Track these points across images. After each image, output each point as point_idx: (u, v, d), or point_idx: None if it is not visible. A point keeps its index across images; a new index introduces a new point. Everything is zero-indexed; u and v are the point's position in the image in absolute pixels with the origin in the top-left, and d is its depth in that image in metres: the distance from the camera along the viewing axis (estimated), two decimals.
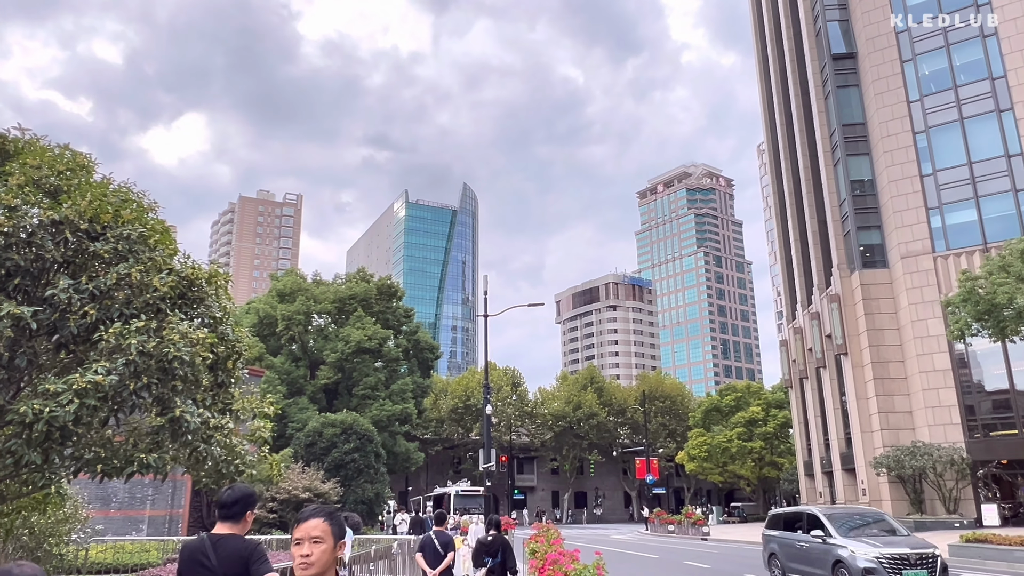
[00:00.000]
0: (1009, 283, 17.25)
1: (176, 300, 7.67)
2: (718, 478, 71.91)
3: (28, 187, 7.39)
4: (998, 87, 40.25)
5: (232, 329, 8.43)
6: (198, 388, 7.75)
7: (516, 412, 79.44)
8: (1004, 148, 39.64)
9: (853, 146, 45.67)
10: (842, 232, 45.95)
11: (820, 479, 50.65)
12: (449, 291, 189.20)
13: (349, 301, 56.41)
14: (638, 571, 22.28)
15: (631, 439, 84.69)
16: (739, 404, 72.48)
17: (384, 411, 51.47)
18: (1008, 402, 38.02)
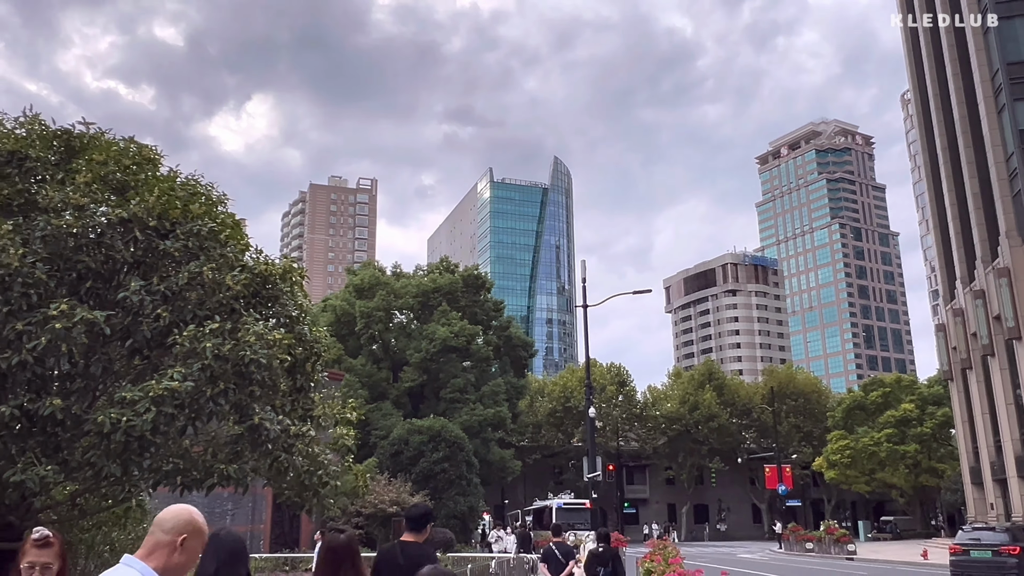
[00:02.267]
0: None
1: (250, 299, 7.97)
2: (864, 488, 69.40)
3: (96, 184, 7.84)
4: None
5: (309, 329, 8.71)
6: (276, 393, 8.05)
7: (623, 414, 79.01)
8: None
9: (1021, 89, 43.09)
10: (1010, 193, 43.44)
11: (991, 488, 48.20)
12: (542, 280, 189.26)
13: (433, 295, 57.14)
14: None
15: (758, 444, 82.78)
16: (888, 401, 69.80)
17: (475, 416, 52.10)
18: None
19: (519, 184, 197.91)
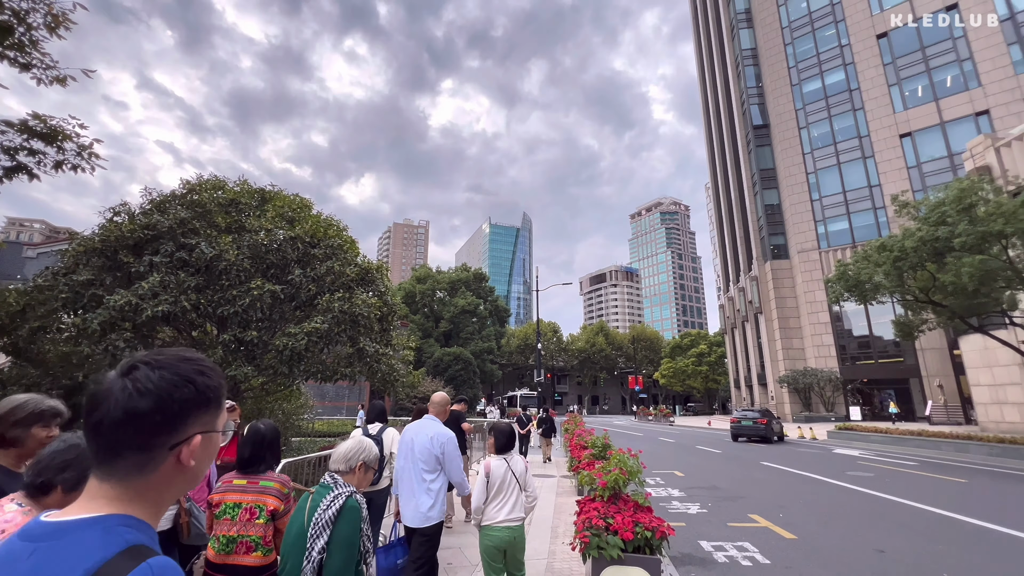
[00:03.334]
0: (868, 267, 16.22)
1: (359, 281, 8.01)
2: (679, 388, 70.24)
3: (276, 218, 7.83)
4: (864, 143, 37.49)
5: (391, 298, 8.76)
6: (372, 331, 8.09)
7: (556, 348, 79.18)
8: (867, 181, 36.98)
9: (766, 183, 43.39)
10: (759, 237, 43.90)
11: (744, 390, 48.93)
12: (515, 276, 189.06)
13: (457, 282, 56.99)
14: (631, 443, 22.08)
15: (626, 364, 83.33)
16: (693, 344, 70.47)
17: (478, 347, 52.05)
18: (868, 342, 35.82)
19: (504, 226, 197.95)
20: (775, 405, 39.99)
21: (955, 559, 5.54)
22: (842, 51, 39.45)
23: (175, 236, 6.64)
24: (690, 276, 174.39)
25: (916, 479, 11.15)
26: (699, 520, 7.44)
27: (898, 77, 36.14)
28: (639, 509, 3.79)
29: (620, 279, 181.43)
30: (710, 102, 59.01)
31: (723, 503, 8.68)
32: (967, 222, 13.66)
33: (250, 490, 2.35)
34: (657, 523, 3.52)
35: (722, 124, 53.81)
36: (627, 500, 3.94)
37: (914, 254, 14.64)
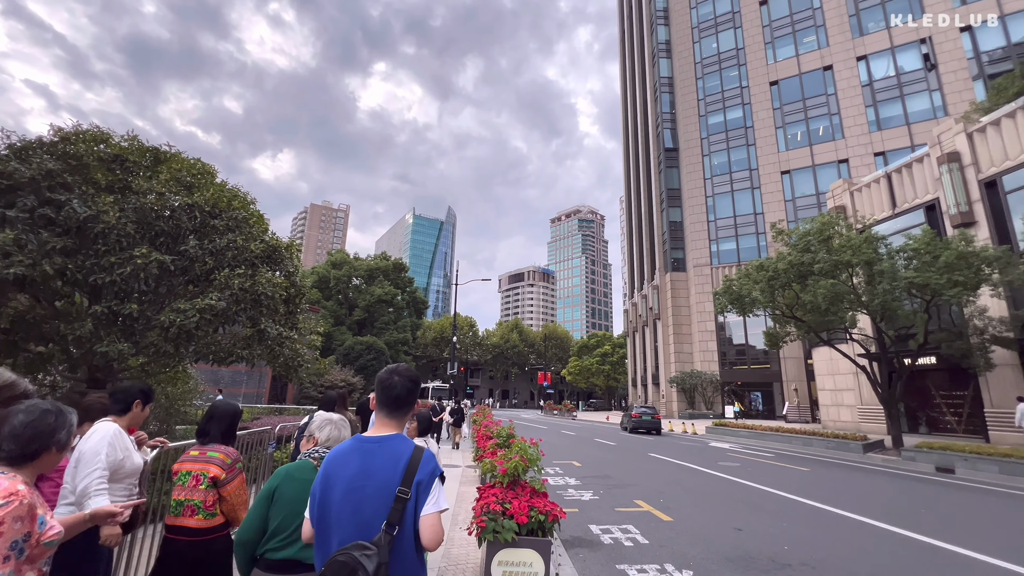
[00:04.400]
0: (748, 284, 18.08)
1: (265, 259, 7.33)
2: (583, 385, 73.63)
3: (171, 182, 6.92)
4: (753, 175, 41.89)
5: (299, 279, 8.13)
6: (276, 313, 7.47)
7: (471, 342, 79.33)
8: (753, 209, 41.38)
9: (672, 202, 46.88)
10: (662, 250, 47.33)
11: (640, 388, 52.48)
12: (436, 269, 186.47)
13: (375, 271, 54.73)
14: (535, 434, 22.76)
15: (537, 361, 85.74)
16: (599, 344, 74.17)
17: (392, 337, 50.51)
18: (744, 350, 40.14)
19: (428, 218, 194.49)
20: (665, 403, 43.36)
21: (796, 534, 6.39)
22: (742, 92, 43.74)
23: (38, 189, 5.60)
24: (601, 281, 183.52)
25: (772, 468, 12.69)
26: (591, 506, 7.86)
27: (783, 121, 40.86)
28: (535, 495, 3.90)
29: (537, 279, 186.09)
30: (630, 121, 62.49)
31: (613, 490, 9.24)
32: (825, 251, 15.81)
33: (199, 460, 2.63)
34: (551, 507, 3.65)
35: (639, 143, 57.23)
36: (525, 486, 4.03)
37: (784, 275, 16.65)
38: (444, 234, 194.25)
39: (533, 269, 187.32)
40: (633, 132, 60.49)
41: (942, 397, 20.02)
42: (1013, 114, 17.52)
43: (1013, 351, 16.27)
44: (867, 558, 5.47)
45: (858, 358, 18.25)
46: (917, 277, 14.21)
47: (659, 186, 48.76)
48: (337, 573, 1.37)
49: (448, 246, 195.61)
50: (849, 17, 38.90)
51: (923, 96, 35.07)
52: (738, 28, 44.88)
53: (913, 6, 36.51)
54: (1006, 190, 17.56)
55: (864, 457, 15.04)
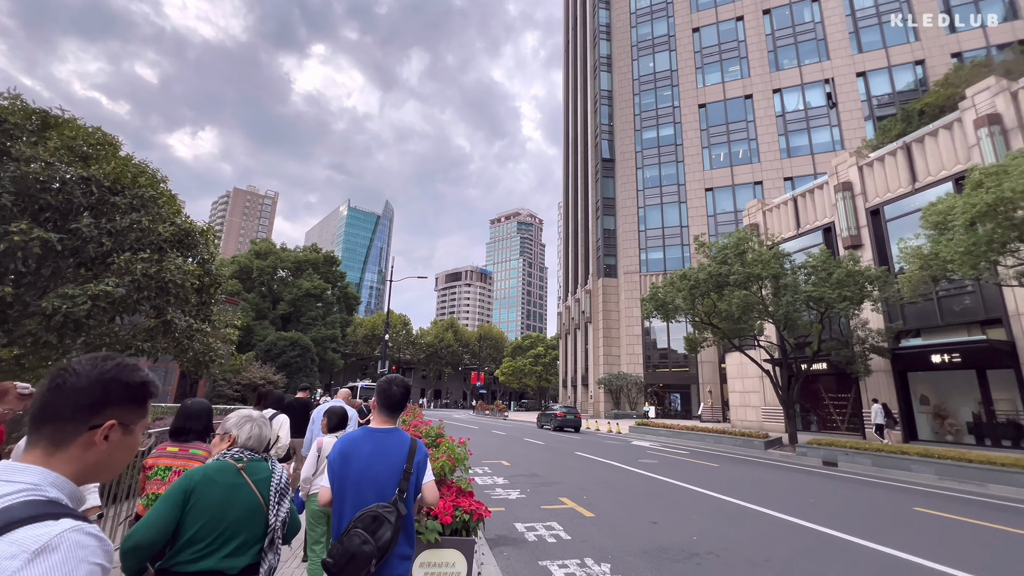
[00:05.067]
0: (672, 292, 19.16)
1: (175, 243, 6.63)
2: (516, 386, 74.45)
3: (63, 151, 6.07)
4: (680, 190, 44.61)
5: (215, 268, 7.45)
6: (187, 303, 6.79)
7: (404, 341, 77.56)
8: (680, 221, 44.06)
9: (607, 210, 48.75)
10: (596, 256, 49.04)
11: (570, 389, 53.98)
12: (370, 264, 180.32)
13: (304, 263, 51.83)
14: (465, 434, 22.65)
15: (471, 361, 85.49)
16: (532, 345, 75.40)
17: (320, 334, 48.08)
18: (666, 354, 42.57)
19: (365, 211, 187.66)
20: (593, 403, 44.91)
21: (704, 525, 6.85)
22: (674, 111, 46.46)
23: None
24: (537, 284, 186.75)
25: (686, 465, 13.53)
26: (518, 504, 7.94)
27: (709, 142, 43.92)
28: (461, 494, 3.86)
29: (475, 279, 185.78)
30: (571, 130, 64.21)
31: (540, 488, 9.40)
32: (739, 264, 17.17)
33: (180, 456, 2.77)
34: (476, 506, 3.63)
35: (578, 152, 58.93)
36: (451, 486, 3.98)
37: (704, 285, 17.87)
38: (380, 229, 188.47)
39: (471, 269, 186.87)
40: (573, 140, 62.20)
41: (830, 399, 22.43)
42: (894, 153, 20.04)
43: (886, 359, 18.59)
44: (765, 545, 5.98)
45: (763, 363, 19.99)
46: (814, 291, 15.82)
47: (595, 194, 50.48)
48: (371, 523, 2.03)
49: (384, 241, 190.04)
50: (768, 52, 42.61)
51: (825, 130, 39.18)
52: (673, 51, 47.61)
53: (820, 50, 40.70)
54: (887, 218, 20.04)
55: (765, 453, 16.48)
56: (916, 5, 38.05)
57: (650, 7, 50.31)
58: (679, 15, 47.61)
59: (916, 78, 37.24)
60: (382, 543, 2.00)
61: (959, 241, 10.68)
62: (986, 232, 10.32)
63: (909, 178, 19.35)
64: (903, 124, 26.14)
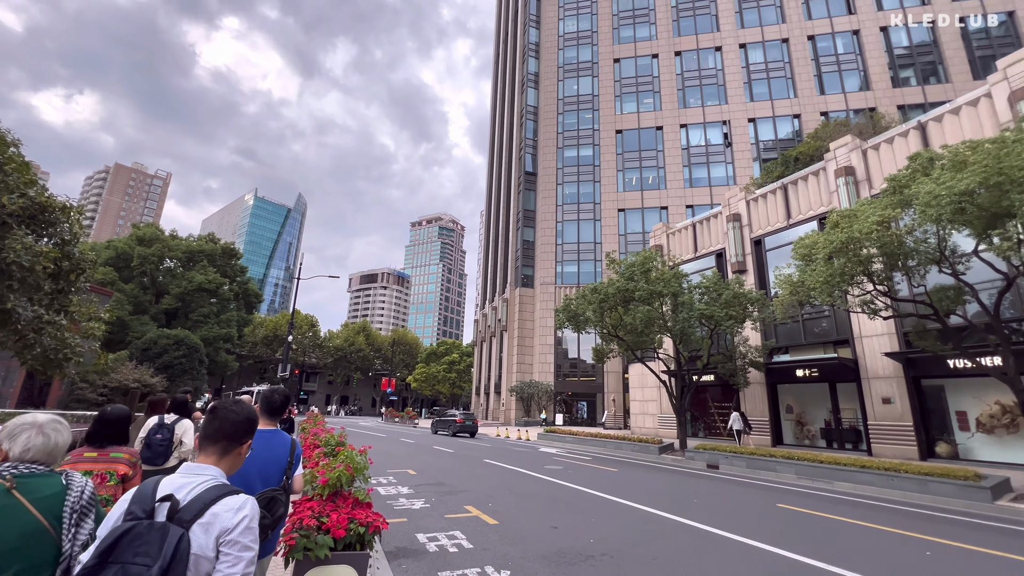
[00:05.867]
0: (584, 304, 20.01)
1: (26, 219, 5.59)
2: (428, 392, 73.08)
3: None
4: (596, 208, 47.07)
5: (79, 251, 6.39)
6: (37, 290, 5.74)
7: (311, 343, 72.78)
8: (594, 238, 46.40)
9: (527, 222, 49.97)
10: (515, 266, 49.95)
11: (483, 396, 54.08)
12: (277, 260, 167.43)
13: (198, 254, 46.58)
14: (371, 442, 21.63)
15: (383, 366, 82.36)
16: (447, 352, 74.64)
17: (212, 332, 43.40)
18: (576, 363, 44.34)
19: (274, 203, 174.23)
20: (504, 410, 45.36)
21: (601, 528, 7.17)
22: (594, 133, 49.06)
23: None
24: (455, 290, 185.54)
25: (588, 470, 14.12)
26: (421, 514, 7.72)
27: (624, 166, 46.93)
28: (358, 506, 3.66)
29: (392, 282, 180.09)
30: (496, 140, 65.09)
31: (446, 497, 9.24)
32: (644, 282, 18.45)
33: (101, 460, 2.88)
34: (373, 518, 3.46)
35: (502, 163, 59.85)
36: (347, 497, 3.76)
37: (612, 299, 18.93)
38: (291, 222, 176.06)
39: (388, 271, 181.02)
40: (499, 151, 63.10)
41: (716, 407, 24.77)
42: (775, 192, 22.86)
43: (761, 372, 20.97)
44: (654, 544, 6.39)
45: (661, 374, 21.57)
46: (706, 309, 17.44)
47: (517, 206, 51.53)
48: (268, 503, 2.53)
49: (294, 236, 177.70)
50: (677, 90, 46.68)
51: (722, 166, 43.68)
52: (595, 77, 50.36)
53: (720, 94, 45.45)
54: (767, 248, 22.75)
55: (659, 458, 17.72)
56: (796, 68, 44.02)
57: (576, 33, 52.87)
58: (602, 44, 50.56)
59: (794, 129, 42.98)
60: (276, 516, 2.60)
61: (819, 272, 12.42)
62: (839, 265, 12.11)
63: (785, 214, 22.17)
64: (782, 167, 29.95)
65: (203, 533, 1.42)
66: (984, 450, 15.03)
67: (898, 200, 11.64)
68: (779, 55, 45.21)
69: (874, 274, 12.31)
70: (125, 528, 1.37)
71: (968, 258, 11.56)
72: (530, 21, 55.96)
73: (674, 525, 7.50)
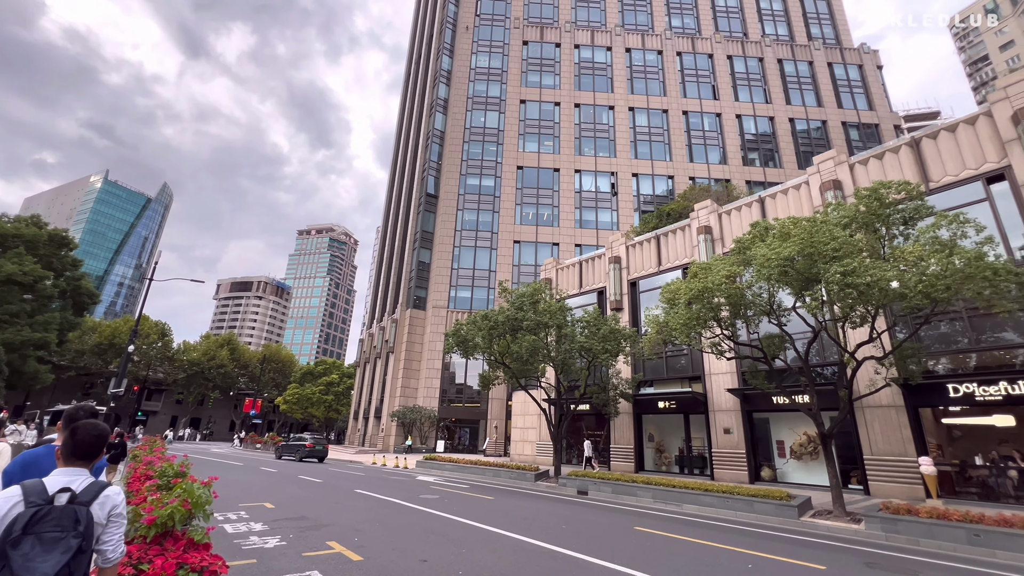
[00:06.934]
0: (474, 330, 20.13)
1: None
2: (300, 416, 66.78)
3: None
4: (494, 238, 48.28)
5: None
6: None
7: (159, 355, 62.56)
8: (489, 265, 47.34)
9: (424, 243, 49.39)
10: (407, 287, 48.73)
11: (362, 421, 50.93)
12: (125, 256, 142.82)
13: (12, 238, 37.78)
14: (226, 471, 18.99)
15: (248, 385, 73.57)
16: (326, 372, 69.41)
17: (21, 336, 35.07)
18: (462, 389, 44.06)
19: (130, 189, 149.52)
20: (384, 436, 43.13)
21: (473, 559, 7.07)
22: (496, 166, 50.77)
23: None
24: (342, 306, 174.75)
25: (465, 499, 13.93)
26: (274, 553, 6.92)
27: (522, 200, 49.09)
28: (192, 548, 3.18)
29: (269, 292, 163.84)
30: (400, 158, 64.05)
31: (307, 532, 8.42)
32: (533, 312, 19.22)
33: None
34: (210, 561, 3.03)
35: (404, 181, 58.89)
36: (179, 539, 3.25)
37: (502, 327, 19.36)
38: (150, 215, 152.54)
39: (266, 280, 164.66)
40: (402, 169, 62.07)
41: (590, 435, 26.26)
42: (650, 241, 25.62)
43: (630, 403, 22.84)
44: (523, 573, 6.46)
45: (542, 402, 22.37)
46: (586, 342, 18.65)
47: (416, 226, 50.80)
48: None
49: (153, 231, 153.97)
50: (575, 138, 50.62)
51: (608, 212, 47.88)
52: (502, 113, 52.56)
53: (610, 148, 50.27)
54: (640, 290, 25.22)
55: (535, 485, 18.15)
56: (673, 136, 50.60)
57: (488, 69, 55.01)
58: (511, 84, 53.18)
59: (668, 188, 48.92)
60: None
61: (680, 315, 14.09)
62: (696, 311, 13.88)
63: (657, 261, 24.90)
64: (657, 220, 33.77)
65: (100, 510, 2.10)
66: (795, 474, 17.94)
67: (742, 259, 13.78)
68: (660, 122, 51.62)
69: (722, 320, 14.30)
70: (32, 511, 1.92)
71: (789, 312, 14.01)
72: (444, 49, 56.98)
73: (542, 552, 7.69)
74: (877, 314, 12.31)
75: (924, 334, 15.18)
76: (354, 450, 44.05)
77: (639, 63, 54.34)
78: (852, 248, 11.45)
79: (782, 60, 54.76)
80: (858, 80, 53.77)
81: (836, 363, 16.75)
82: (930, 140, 16.65)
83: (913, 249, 10.80)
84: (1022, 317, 13.48)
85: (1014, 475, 13.24)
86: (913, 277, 10.50)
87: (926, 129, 17.03)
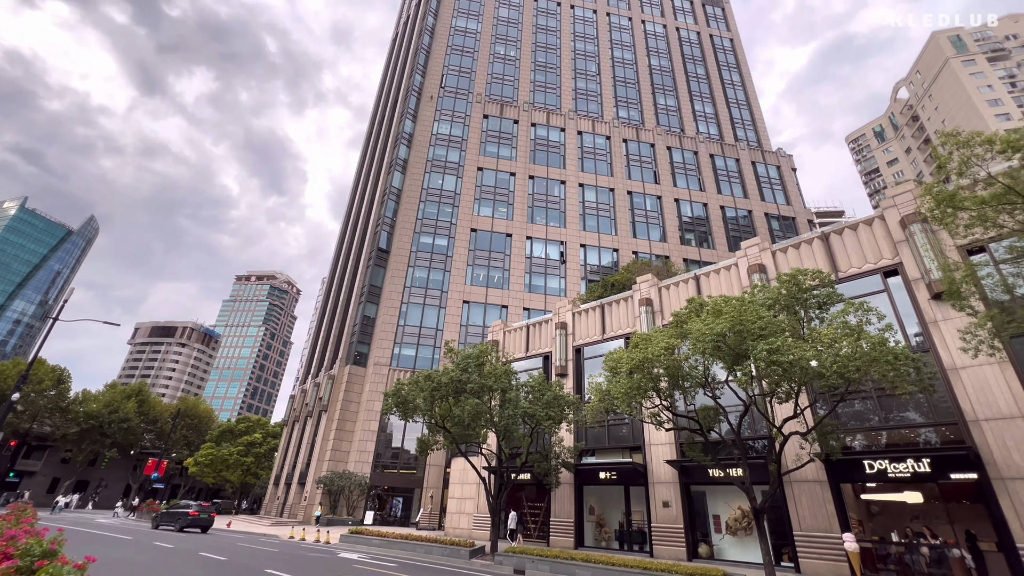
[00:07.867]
0: (415, 391, 19.33)
1: None
2: (212, 480, 59.62)
3: None
4: (443, 296, 48.05)
5: None
6: None
7: (51, 404, 54.76)
8: (436, 324, 46.63)
9: (371, 298, 48.20)
10: (349, 341, 46.73)
11: (283, 488, 46.18)
12: (29, 290, 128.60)
13: None
14: (109, 548, 16.22)
15: (154, 443, 65.43)
16: (248, 430, 63.25)
17: None
18: (398, 454, 41.42)
19: (49, 219, 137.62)
20: (306, 506, 39.17)
21: None
22: (451, 227, 51.70)
23: None
24: (275, 359, 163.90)
25: None
26: None
27: (474, 261, 49.77)
28: None
29: (194, 339, 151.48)
30: (354, 211, 63.84)
31: None
32: (478, 375, 18.87)
33: None
34: None
35: (355, 233, 58.33)
36: None
37: (445, 388, 18.77)
38: (68, 247, 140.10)
39: (192, 326, 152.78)
40: (355, 222, 61.69)
41: (529, 507, 25.15)
42: (595, 309, 26.46)
43: (571, 473, 22.33)
44: None
45: (482, 469, 21.40)
46: (530, 408, 18.38)
47: (364, 280, 49.80)
48: None
49: (68, 265, 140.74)
50: (528, 207, 52.94)
51: (556, 278, 49.38)
52: (459, 178, 54.44)
53: (561, 218, 52.89)
54: (585, 356, 25.60)
55: (469, 563, 16.87)
56: (618, 212, 54.19)
57: (448, 136, 57.53)
58: (470, 151, 55.66)
59: (613, 260, 51.52)
60: None
61: (622, 384, 14.34)
62: (637, 380, 14.19)
63: (601, 329, 25.58)
64: (602, 289, 35.14)
65: None
66: (731, 550, 17.87)
67: (679, 332, 14.46)
68: (607, 199, 55.32)
69: (661, 391, 14.66)
70: None
71: (722, 385, 14.63)
72: (408, 113, 59.33)
73: None
74: (800, 391, 13.12)
75: (841, 411, 16.25)
76: (270, 521, 39.44)
77: (589, 145, 58.96)
78: (776, 327, 12.36)
79: (714, 155, 61.39)
80: (777, 178, 60.96)
81: (766, 436, 17.41)
82: (837, 236, 18.85)
83: (828, 332, 11.83)
84: (921, 399, 14.84)
85: (926, 552, 13.89)
86: (828, 357, 11.40)
87: (834, 226, 19.33)
